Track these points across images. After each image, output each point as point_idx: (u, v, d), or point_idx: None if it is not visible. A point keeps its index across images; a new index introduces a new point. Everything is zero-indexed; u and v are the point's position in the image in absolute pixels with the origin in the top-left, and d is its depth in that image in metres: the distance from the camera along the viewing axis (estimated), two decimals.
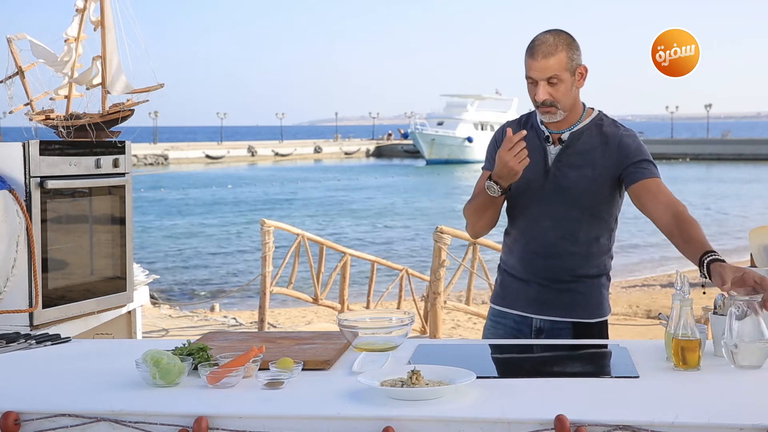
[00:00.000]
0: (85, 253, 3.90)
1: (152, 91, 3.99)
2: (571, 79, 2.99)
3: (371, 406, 2.20)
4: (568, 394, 2.29)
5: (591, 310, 3.10)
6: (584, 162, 3.05)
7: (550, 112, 3.01)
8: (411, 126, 69.69)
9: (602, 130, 3.09)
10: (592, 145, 3.06)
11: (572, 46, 3.00)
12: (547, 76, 2.95)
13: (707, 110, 79.13)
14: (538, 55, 2.95)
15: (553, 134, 3.10)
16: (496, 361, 2.72)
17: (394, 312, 2.92)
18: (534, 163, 3.02)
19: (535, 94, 2.99)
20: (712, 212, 33.00)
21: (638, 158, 3.02)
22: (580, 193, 3.04)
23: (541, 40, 2.98)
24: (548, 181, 3.07)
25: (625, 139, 3.06)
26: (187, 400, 2.29)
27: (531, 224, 3.11)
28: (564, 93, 2.99)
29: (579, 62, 3.02)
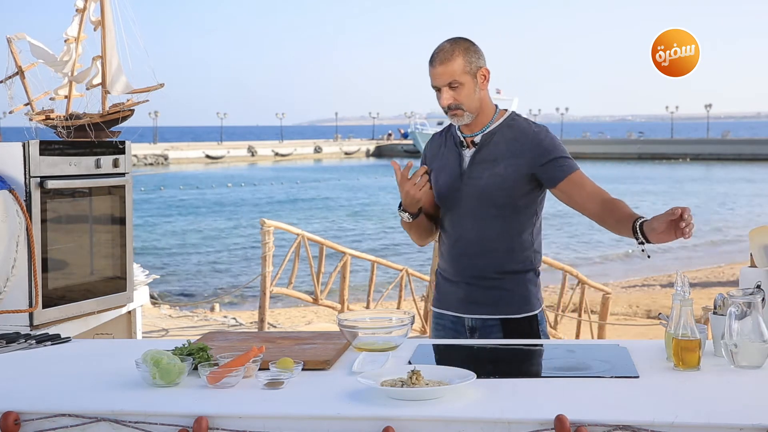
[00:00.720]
0: (85, 253, 3.90)
1: (152, 91, 3.99)
2: (473, 82, 3.12)
3: (371, 406, 2.20)
4: (568, 394, 2.29)
5: (518, 306, 3.17)
6: (497, 161, 3.15)
7: (457, 115, 3.14)
8: (411, 126, 69.76)
9: (514, 129, 3.20)
10: (505, 145, 3.17)
11: (470, 50, 3.13)
12: (448, 81, 3.09)
13: (707, 110, 79.15)
14: (436, 63, 3.11)
15: (467, 138, 3.22)
16: (496, 361, 2.72)
17: (394, 312, 2.93)
18: (451, 168, 3.22)
19: (440, 100, 3.14)
20: (712, 212, 32.99)
21: (554, 155, 3.14)
22: (494, 191, 3.14)
23: (439, 49, 3.13)
24: (464, 183, 3.18)
25: (537, 135, 3.17)
26: (187, 400, 2.29)
27: (454, 226, 3.23)
28: (467, 95, 3.12)
29: (480, 65, 3.14)
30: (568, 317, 10.72)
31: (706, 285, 15.44)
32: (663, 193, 40.32)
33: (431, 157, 3.35)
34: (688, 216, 2.69)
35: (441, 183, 3.24)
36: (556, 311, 10.49)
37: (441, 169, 3.26)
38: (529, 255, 3.20)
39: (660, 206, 34.66)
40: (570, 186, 3.12)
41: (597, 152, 71.66)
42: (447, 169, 3.22)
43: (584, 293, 10.42)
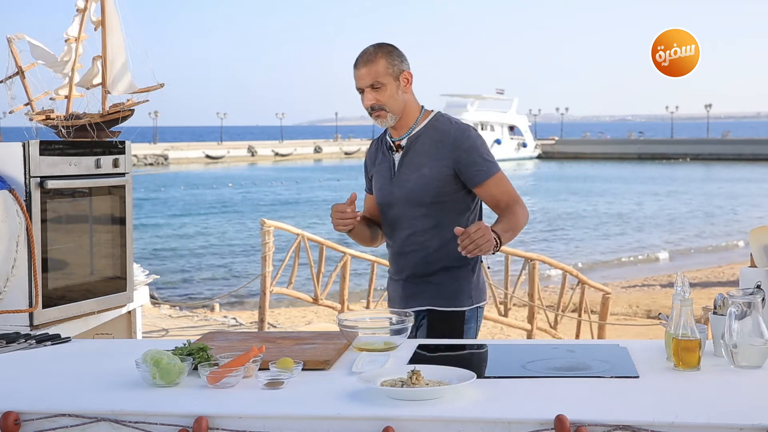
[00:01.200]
0: (85, 253, 3.90)
1: (152, 91, 3.99)
2: (396, 84, 3.22)
3: (371, 406, 2.20)
4: (568, 394, 2.29)
5: (446, 300, 3.24)
6: (422, 163, 3.23)
7: (380, 116, 3.23)
8: None
9: (437, 130, 3.27)
10: (429, 146, 3.25)
11: (393, 54, 3.23)
12: (370, 82, 3.19)
13: (707, 110, 79.14)
14: (360, 65, 3.22)
15: (395, 142, 3.31)
16: (496, 361, 2.72)
17: (394, 312, 2.93)
18: (384, 173, 3.34)
19: (363, 101, 3.23)
20: (712, 212, 32.99)
21: (472, 158, 3.21)
22: (421, 192, 3.22)
23: (363, 52, 3.24)
24: (394, 186, 3.29)
25: (458, 137, 3.24)
26: (187, 400, 2.29)
27: (391, 228, 3.35)
28: (389, 97, 3.21)
29: (402, 69, 3.24)
30: (568, 317, 10.72)
31: (706, 285, 15.45)
32: (663, 193, 40.32)
33: (370, 164, 3.45)
34: (469, 238, 2.90)
35: (377, 188, 3.37)
36: (556, 311, 10.50)
37: (377, 174, 3.38)
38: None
39: (660, 206, 34.65)
40: (483, 190, 3.25)
41: (597, 152, 71.69)
42: (381, 174, 3.34)
43: (584, 293, 10.42)
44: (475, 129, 3.34)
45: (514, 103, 73.26)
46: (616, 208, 34.57)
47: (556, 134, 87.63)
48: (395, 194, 3.28)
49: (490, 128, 68.85)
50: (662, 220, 30.68)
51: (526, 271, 10.04)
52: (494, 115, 70.16)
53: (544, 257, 10.86)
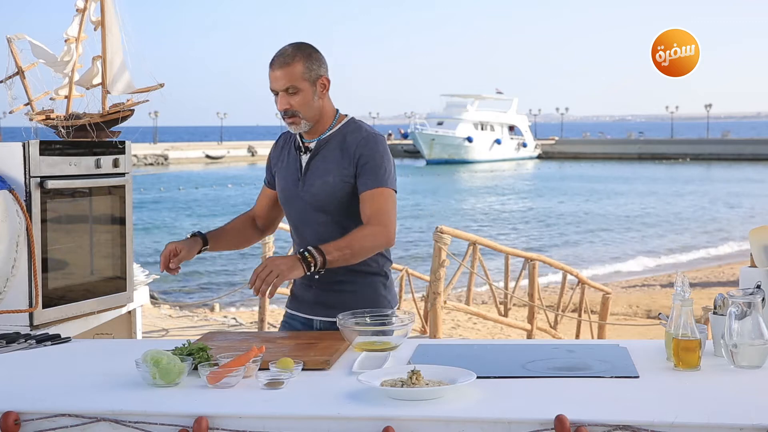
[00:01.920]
0: (85, 253, 3.90)
1: (152, 91, 3.99)
2: (312, 89, 3.08)
3: (371, 406, 2.20)
4: (568, 394, 2.29)
5: (363, 308, 3.13)
6: (327, 170, 3.12)
7: (294, 122, 3.10)
8: (411, 126, 69.69)
9: (345, 138, 3.14)
10: (335, 152, 3.13)
11: (312, 57, 3.09)
12: (286, 85, 3.05)
13: (707, 110, 79.14)
14: (276, 66, 3.07)
15: (304, 143, 3.20)
16: (496, 361, 2.72)
17: (394, 312, 2.93)
18: (291, 173, 3.21)
19: (276, 104, 3.10)
20: (712, 212, 33.00)
21: (367, 167, 3.08)
22: (326, 200, 3.12)
23: (280, 52, 3.09)
24: (300, 189, 3.18)
25: (362, 144, 3.10)
26: (187, 400, 2.29)
27: (297, 231, 3.25)
28: (304, 103, 3.07)
29: (320, 73, 3.10)
30: (568, 317, 10.72)
31: (706, 285, 15.45)
32: (663, 193, 40.31)
33: (276, 159, 3.32)
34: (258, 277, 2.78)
35: (282, 187, 3.25)
36: (556, 311, 10.50)
37: (282, 173, 3.26)
38: (375, 257, 3.16)
39: (660, 206, 34.64)
40: (361, 201, 3.07)
41: (597, 152, 71.69)
42: (287, 174, 3.22)
43: (584, 293, 10.42)
44: (385, 140, 3.18)
45: (514, 103, 73.26)
46: (615, 208, 34.58)
47: (556, 134, 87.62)
48: (300, 197, 3.17)
49: (490, 128, 68.87)
50: (662, 219, 30.69)
51: (526, 271, 10.04)
52: (494, 115, 70.16)
53: (544, 257, 10.87)
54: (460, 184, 48.24)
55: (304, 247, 3.05)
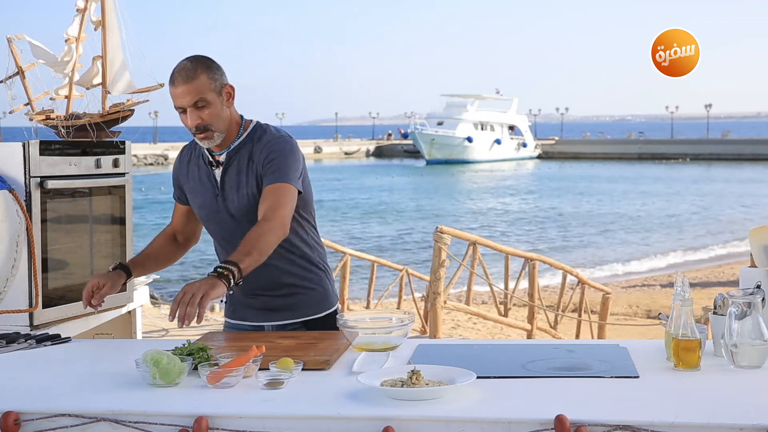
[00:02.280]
0: (85, 253, 3.90)
1: (152, 91, 3.99)
2: (219, 100, 3.01)
3: (371, 406, 2.20)
4: (568, 394, 2.29)
5: (317, 306, 3.18)
6: (242, 181, 3.07)
7: (206, 137, 3.02)
8: (411, 126, 69.69)
9: (253, 143, 3.09)
10: (246, 162, 3.07)
11: (212, 67, 3.01)
12: (193, 100, 2.96)
13: (707, 110, 79.14)
14: (178, 82, 2.98)
15: (214, 156, 3.12)
16: (496, 361, 2.72)
17: (394, 312, 2.93)
18: (206, 189, 3.14)
19: (186, 122, 3.00)
20: (712, 212, 33.00)
21: (268, 167, 3.02)
22: (248, 211, 3.06)
23: (179, 68, 3.00)
24: (220, 205, 3.12)
25: (265, 148, 3.06)
26: (187, 400, 2.29)
27: (225, 245, 3.17)
28: (215, 115, 3.00)
29: (224, 83, 3.04)
30: (568, 317, 10.72)
31: (706, 285, 15.45)
32: (663, 193, 40.31)
33: (182, 175, 3.25)
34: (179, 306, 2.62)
35: (199, 204, 3.18)
36: (556, 311, 10.50)
37: (195, 190, 3.18)
38: (308, 254, 3.18)
39: (660, 206, 34.64)
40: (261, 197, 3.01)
41: (597, 152, 71.69)
42: (202, 191, 3.15)
43: (584, 293, 10.42)
44: (293, 140, 3.13)
45: (514, 103, 73.26)
46: (616, 208, 34.58)
47: (556, 134, 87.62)
48: (222, 212, 3.11)
49: (490, 128, 68.87)
50: (662, 219, 30.69)
51: (526, 271, 10.04)
52: (494, 115, 70.17)
53: (544, 257, 10.87)
54: (460, 184, 48.24)
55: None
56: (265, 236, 2.88)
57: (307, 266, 3.18)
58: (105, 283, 3.07)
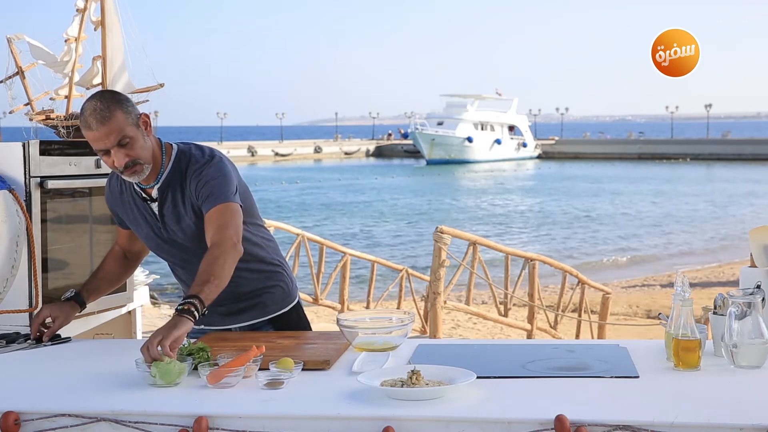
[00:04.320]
0: (85, 253, 3.90)
1: (152, 91, 3.99)
2: (139, 132, 2.91)
3: (371, 406, 2.20)
4: (568, 394, 2.29)
5: (281, 302, 3.22)
6: (180, 214, 3.02)
7: (136, 171, 2.93)
8: (411, 126, 69.68)
9: (181, 171, 3.02)
10: (179, 192, 3.01)
11: (122, 101, 2.90)
12: (117, 139, 2.85)
13: (707, 110, 79.11)
14: (95, 126, 2.84)
15: (146, 191, 3.05)
16: (496, 361, 2.72)
17: (394, 312, 2.93)
18: (148, 223, 3.08)
19: (113, 162, 2.90)
20: (712, 212, 32.99)
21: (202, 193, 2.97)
22: (195, 240, 3.03)
23: (90, 110, 2.85)
24: (167, 235, 3.07)
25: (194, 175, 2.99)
26: (187, 400, 2.29)
27: (183, 268, 3.16)
28: (140, 147, 2.91)
29: (138, 113, 2.93)
30: (568, 317, 10.72)
31: (706, 285, 15.44)
32: (663, 193, 40.32)
33: (117, 205, 3.19)
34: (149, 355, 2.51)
35: (144, 236, 3.14)
36: (556, 311, 10.50)
37: (136, 222, 3.13)
38: (261, 254, 3.19)
39: (660, 206, 34.64)
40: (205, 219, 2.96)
41: (597, 152, 71.68)
42: (144, 223, 3.10)
43: (584, 293, 10.42)
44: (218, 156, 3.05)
45: (514, 103, 73.24)
46: (616, 207, 34.58)
47: (556, 134, 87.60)
48: (170, 243, 3.08)
49: (490, 128, 68.86)
50: (662, 219, 30.69)
51: (526, 271, 10.04)
52: (494, 115, 70.16)
53: (544, 257, 10.86)
54: (461, 184, 48.23)
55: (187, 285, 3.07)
56: (218, 261, 2.82)
57: (263, 267, 3.20)
58: (57, 316, 3.07)
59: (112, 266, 3.32)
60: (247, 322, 3.21)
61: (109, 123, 2.84)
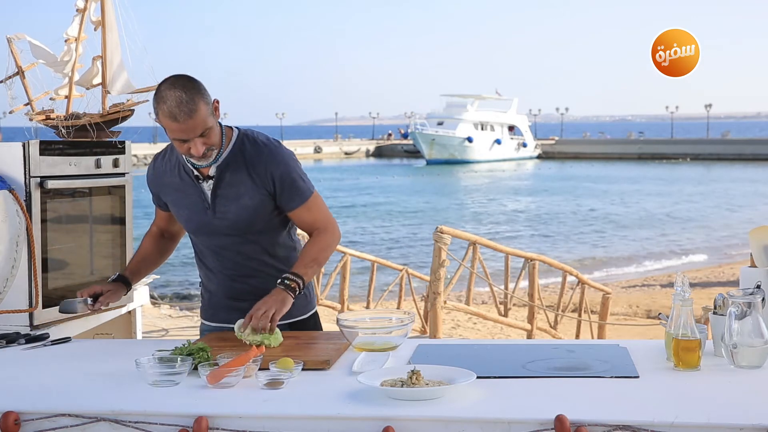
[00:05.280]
0: (85, 253, 3.90)
1: (152, 91, 3.99)
2: (215, 120, 2.95)
3: (371, 406, 2.20)
4: (568, 394, 2.29)
5: (302, 308, 3.20)
6: (240, 193, 3.04)
7: (206, 156, 2.96)
8: (411, 126, 69.70)
9: (246, 157, 3.05)
10: (242, 175, 3.04)
11: (201, 90, 2.90)
12: (200, 132, 2.89)
13: (707, 110, 79.10)
14: (181, 119, 2.84)
15: (201, 169, 3.06)
16: (496, 361, 2.72)
17: (394, 312, 2.93)
18: (195, 203, 3.08)
19: (188, 149, 2.92)
20: (712, 212, 33.00)
21: (287, 182, 3.04)
22: (247, 223, 3.06)
23: (175, 101, 2.84)
24: (211, 218, 3.08)
25: (270, 159, 3.04)
26: (187, 400, 2.29)
27: (216, 256, 3.16)
28: (215, 135, 2.96)
29: (212, 100, 2.94)
30: (568, 317, 10.72)
31: (706, 285, 15.45)
32: (663, 193, 40.32)
33: (160, 186, 3.19)
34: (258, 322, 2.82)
35: (187, 218, 3.14)
36: (556, 311, 10.50)
37: (182, 203, 3.13)
38: (292, 257, 3.18)
39: (660, 206, 34.65)
40: (296, 215, 3.10)
41: (597, 152, 71.68)
42: (190, 204, 3.10)
43: (584, 293, 10.42)
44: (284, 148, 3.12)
45: (514, 103, 73.24)
46: (616, 207, 34.58)
47: (556, 134, 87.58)
48: (215, 225, 3.08)
49: (490, 128, 68.85)
50: (662, 219, 30.69)
51: (526, 271, 10.04)
52: (494, 115, 70.15)
53: (544, 257, 10.87)
54: (461, 184, 48.24)
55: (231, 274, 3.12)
56: (329, 248, 3.10)
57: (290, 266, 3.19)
58: (108, 289, 3.09)
59: (151, 247, 3.32)
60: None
61: (195, 117, 2.85)
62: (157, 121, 2.93)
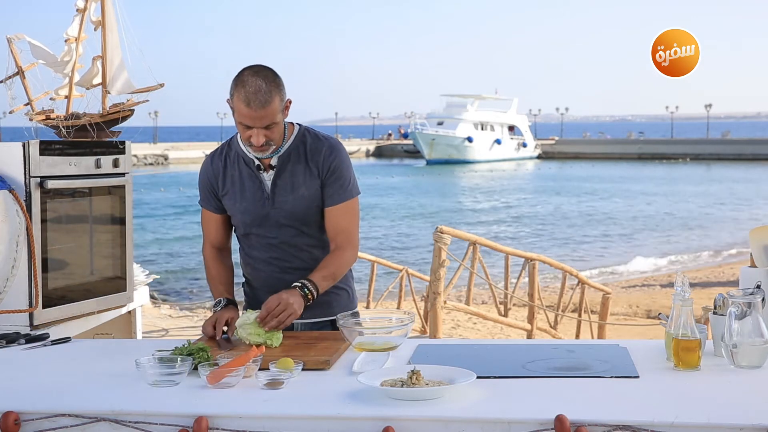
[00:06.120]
0: (85, 253, 3.90)
1: (152, 91, 3.99)
2: (282, 117, 3.03)
3: (371, 406, 2.20)
4: (568, 394, 2.29)
5: (345, 305, 3.23)
6: (297, 183, 3.12)
7: (264, 149, 3.04)
8: (411, 126, 69.66)
9: (306, 149, 3.15)
10: (301, 166, 3.13)
11: (281, 86, 2.99)
12: (266, 124, 2.96)
13: (707, 110, 79.09)
14: (255, 106, 2.92)
15: (262, 160, 3.13)
16: (496, 361, 2.72)
17: (394, 312, 2.93)
18: (253, 193, 3.15)
19: (249, 137, 2.99)
20: (712, 212, 33.00)
21: (334, 177, 3.13)
22: (303, 213, 3.13)
23: (254, 88, 2.92)
24: (270, 207, 3.14)
25: (327, 153, 3.15)
26: (187, 400, 2.29)
27: (268, 247, 3.19)
28: (278, 131, 3.04)
29: (286, 99, 3.03)
30: (568, 317, 10.72)
31: (706, 285, 15.44)
32: (663, 193, 40.32)
33: (217, 180, 3.23)
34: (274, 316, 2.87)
35: (244, 210, 3.17)
36: (556, 311, 10.50)
37: (238, 195, 3.17)
38: None
39: (660, 206, 34.65)
40: (330, 213, 3.14)
41: (597, 152, 71.67)
42: (246, 195, 3.15)
43: (584, 293, 10.42)
44: (344, 147, 3.23)
45: (514, 103, 73.23)
46: (616, 207, 34.58)
47: (556, 134, 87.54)
48: (272, 215, 3.14)
49: (490, 128, 68.85)
50: (662, 219, 30.69)
51: (526, 271, 10.04)
52: (494, 115, 70.14)
53: (544, 257, 10.86)
54: (461, 184, 48.24)
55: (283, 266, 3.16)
56: (346, 265, 3.14)
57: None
58: (233, 317, 3.05)
59: (221, 265, 3.35)
60: (310, 320, 3.17)
61: (267, 108, 2.94)
62: (229, 102, 3.01)
